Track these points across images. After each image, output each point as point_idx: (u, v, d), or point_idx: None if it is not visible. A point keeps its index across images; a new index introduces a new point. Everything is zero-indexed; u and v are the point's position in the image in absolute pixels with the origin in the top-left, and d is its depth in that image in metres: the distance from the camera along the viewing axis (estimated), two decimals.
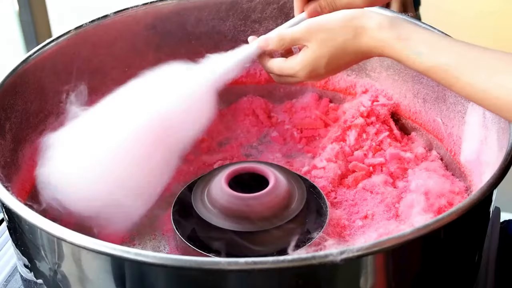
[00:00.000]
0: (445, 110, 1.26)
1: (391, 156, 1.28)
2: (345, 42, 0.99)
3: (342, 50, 1.00)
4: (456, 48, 0.92)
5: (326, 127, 1.39)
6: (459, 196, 1.16)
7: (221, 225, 1.10)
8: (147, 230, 1.20)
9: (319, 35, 1.01)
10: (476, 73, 0.89)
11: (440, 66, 0.91)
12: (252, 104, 1.45)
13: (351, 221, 1.19)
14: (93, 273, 0.91)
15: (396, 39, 0.95)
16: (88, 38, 1.32)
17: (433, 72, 0.93)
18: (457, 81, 0.90)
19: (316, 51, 1.02)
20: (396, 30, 0.95)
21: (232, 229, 1.09)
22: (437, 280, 0.96)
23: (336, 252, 0.81)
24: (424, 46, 0.93)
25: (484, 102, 0.90)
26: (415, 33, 0.95)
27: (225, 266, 0.82)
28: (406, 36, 0.94)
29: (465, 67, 0.90)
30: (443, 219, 0.87)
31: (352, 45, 0.99)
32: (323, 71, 1.03)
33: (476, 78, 0.89)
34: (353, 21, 0.98)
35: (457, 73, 0.90)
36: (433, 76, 0.93)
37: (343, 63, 1.03)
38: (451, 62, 0.91)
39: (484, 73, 0.88)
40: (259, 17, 1.42)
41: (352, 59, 1.02)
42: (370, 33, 0.97)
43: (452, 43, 0.93)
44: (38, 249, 0.95)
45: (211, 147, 1.38)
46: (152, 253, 0.84)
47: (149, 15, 1.38)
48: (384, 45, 0.96)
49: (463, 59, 0.91)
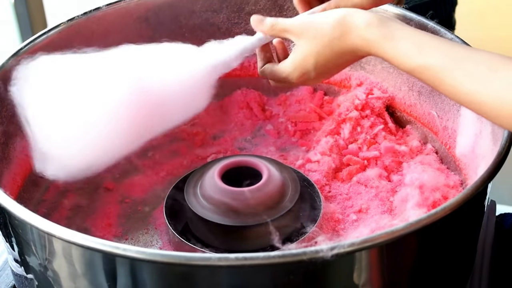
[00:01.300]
0: (440, 103, 1.25)
1: (386, 150, 1.28)
2: (331, 41, 0.97)
3: (329, 49, 0.98)
4: (444, 48, 0.90)
5: (320, 120, 1.38)
6: (454, 190, 1.16)
7: (214, 219, 1.09)
8: (139, 224, 1.20)
9: (309, 32, 0.99)
10: (462, 75, 0.87)
11: (426, 66, 0.89)
12: (246, 97, 1.44)
13: (345, 215, 1.19)
14: (84, 269, 0.90)
15: (383, 38, 0.93)
16: (80, 30, 1.31)
17: (419, 72, 0.91)
18: (443, 82, 0.88)
19: (304, 49, 1.00)
20: (384, 29, 0.93)
21: (225, 223, 1.09)
22: (431, 274, 0.95)
23: (327, 248, 0.80)
24: (411, 45, 0.91)
25: (470, 106, 0.88)
26: (403, 33, 0.92)
27: (215, 262, 0.81)
28: (394, 35, 0.92)
29: (451, 69, 0.88)
30: (436, 214, 0.87)
31: (338, 45, 0.97)
32: (313, 74, 1.01)
33: (462, 80, 0.87)
34: (343, 19, 0.96)
35: (442, 74, 0.88)
36: (419, 76, 0.91)
37: (333, 64, 1.00)
38: (437, 63, 0.89)
39: (471, 75, 0.86)
40: (253, 9, 1.41)
41: (340, 60, 0.99)
42: (357, 31, 0.95)
43: (441, 43, 0.91)
44: (28, 244, 0.94)
45: (205, 141, 1.38)
46: (142, 248, 0.83)
47: (141, 7, 1.37)
48: (370, 44, 0.94)
49: (449, 60, 0.88)
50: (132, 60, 1.05)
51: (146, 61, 1.05)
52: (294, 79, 1.03)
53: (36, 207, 1.21)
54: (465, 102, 0.88)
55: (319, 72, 1.01)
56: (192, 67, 1.06)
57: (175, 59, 1.06)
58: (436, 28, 1.23)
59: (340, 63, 1.00)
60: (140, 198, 1.25)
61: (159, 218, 1.19)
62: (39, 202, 1.22)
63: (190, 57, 1.07)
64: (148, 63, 1.05)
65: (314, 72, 1.01)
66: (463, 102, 0.88)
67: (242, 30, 1.41)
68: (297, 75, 1.02)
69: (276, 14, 1.41)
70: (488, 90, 0.85)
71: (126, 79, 1.01)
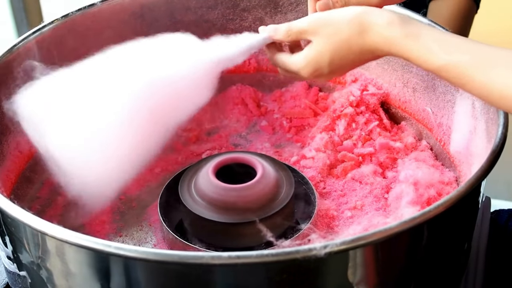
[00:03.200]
0: (435, 99, 1.25)
1: (381, 146, 1.27)
2: (349, 38, 0.96)
3: (346, 47, 0.97)
4: (469, 46, 0.88)
5: (315, 117, 1.38)
6: (448, 187, 1.16)
7: (208, 216, 1.09)
8: (133, 221, 1.20)
9: (325, 29, 0.98)
10: (492, 70, 0.85)
11: (454, 64, 0.88)
12: (241, 93, 1.44)
13: (340, 211, 1.18)
14: (76, 267, 0.90)
15: (406, 37, 0.91)
16: (74, 26, 1.30)
17: (445, 71, 0.89)
18: (472, 80, 0.87)
19: (319, 46, 0.98)
20: (406, 28, 0.92)
21: (220, 220, 1.09)
22: (426, 271, 0.95)
23: (320, 246, 0.80)
24: (436, 43, 0.89)
25: (501, 102, 0.86)
26: (425, 31, 0.91)
27: (208, 260, 0.81)
28: (417, 33, 0.91)
29: (480, 65, 0.86)
30: (430, 212, 0.87)
31: (357, 42, 0.95)
32: (326, 70, 1.00)
33: (493, 76, 0.85)
34: (361, 17, 0.95)
35: (471, 71, 0.87)
36: (445, 75, 0.90)
37: (348, 62, 0.99)
38: (465, 60, 0.87)
39: (502, 70, 0.85)
40: (248, 5, 1.41)
41: (357, 58, 0.98)
42: (377, 29, 0.93)
43: (464, 41, 0.90)
44: (21, 242, 0.94)
45: (200, 137, 1.37)
46: (135, 247, 0.83)
47: (136, 3, 1.36)
48: (392, 42, 0.92)
49: (477, 56, 0.87)
50: (136, 59, 1.04)
51: (151, 57, 1.04)
52: (306, 74, 1.02)
53: (30, 204, 1.20)
54: (496, 98, 0.86)
55: (333, 69, 1.00)
56: (197, 61, 1.05)
57: (179, 52, 1.05)
58: (432, 25, 1.23)
59: (356, 61, 0.99)
60: (134, 194, 1.24)
61: (154, 215, 1.19)
62: (33, 199, 1.22)
63: (194, 50, 1.06)
64: (153, 59, 1.04)
65: (328, 68, 1.00)
66: (494, 98, 0.86)
67: (237, 27, 1.41)
68: (309, 70, 1.01)
69: (271, 10, 1.41)
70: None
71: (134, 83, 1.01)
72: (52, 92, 1.02)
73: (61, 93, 1.02)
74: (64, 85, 1.02)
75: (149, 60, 1.04)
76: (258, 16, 1.40)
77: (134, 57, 1.05)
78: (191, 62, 1.05)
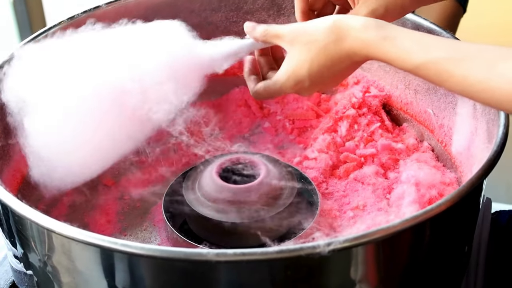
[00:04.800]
0: (436, 101, 1.26)
1: (383, 147, 1.28)
2: (326, 45, 0.94)
3: (323, 55, 0.95)
4: (446, 43, 0.89)
5: (318, 118, 1.39)
6: (450, 187, 1.17)
7: (212, 216, 1.10)
8: (138, 221, 1.21)
9: (302, 38, 0.96)
10: (471, 64, 0.85)
11: (432, 61, 0.87)
12: (244, 95, 1.44)
13: (342, 212, 1.19)
14: (83, 264, 0.91)
15: (383, 39, 0.90)
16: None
17: (425, 69, 0.88)
18: (452, 75, 0.86)
19: (297, 56, 0.97)
20: (382, 30, 0.91)
21: (223, 220, 1.10)
22: (427, 270, 0.96)
23: (324, 244, 0.81)
24: (413, 43, 0.89)
25: (481, 95, 0.85)
26: (402, 33, 0.91)
27: (213, 257, 0.82)
28: (394, 35, 0.90)
29: (459, 60, 0.86)
30: (432, 210, 0.87)
31: (334, 49, 0.94)
32: (307, 83, 0.98)
33: (473, 69, 0.85)
34: (336, 24, 0.94)
35: (451, 67, 0.86)
36: (424, 73, 0.89)
37: (328, 72, 0.97)
38: (443, 56, 0.87)
39: (480, 64, 0.84)
40: (251, 8, 1.42)
41: (336, 67, 0.96)
42: (354, 33, 0.92)
43: (441, 39, 0.90)
44: (28, 240, 0.95)
45: (203, 138, 1.38)
46: (140, 244, 0.84)
47: (141, 6, 1.37)
48: (370, 45, 0.91)
49: (455, 52, 0.87)
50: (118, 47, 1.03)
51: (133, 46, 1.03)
52: (288, 88, 1.00)
53: (36, 204, 1.20)
54: (477, 91, 0.85)
55: (313, 80, 0.98)
56: (182, 56, 1.04)
57: (164, 43, 1.04)
58: (432, 27, 1.24)
59: (336, 70, 0.97)
60: (138, 195, 1.25)
61: (158, 215, 1.20)
62: (38, 199, 1.22)
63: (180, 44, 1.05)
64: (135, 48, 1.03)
65: (308, 80, 0.98)
66: (474, 92, 0.86)
67: (241, 29, 1.40)
68: (291, 84, 0.99)
69: (274, 13, 1.42)
70: (502, 74, 0.82)
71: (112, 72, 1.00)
72: (32, 76, 1.02)
73: (40, 76, 1.02)
74: (44, 68, 1.02)
75: (130, 49, 1.03)
76: (261, 19, 1.41)
77: (117, 44, 1.03)
78: (174, 56, 1.03)
